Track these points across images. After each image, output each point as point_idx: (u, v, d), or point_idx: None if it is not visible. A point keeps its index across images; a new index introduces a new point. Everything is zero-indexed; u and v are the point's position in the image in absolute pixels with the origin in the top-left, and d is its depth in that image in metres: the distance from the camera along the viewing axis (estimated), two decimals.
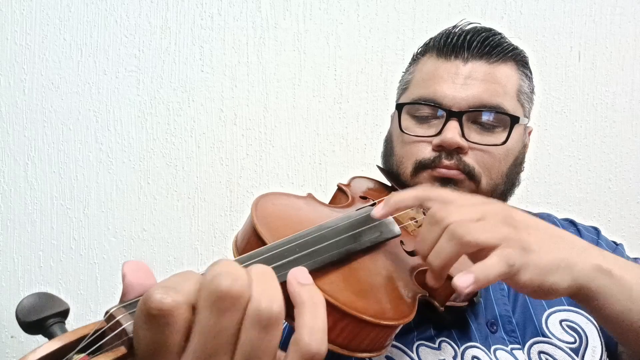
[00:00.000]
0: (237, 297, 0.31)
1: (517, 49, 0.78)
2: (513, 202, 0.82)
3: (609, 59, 1.37)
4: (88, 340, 0.31)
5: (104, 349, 0.31)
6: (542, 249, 0.48)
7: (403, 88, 0.83)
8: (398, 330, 0.48)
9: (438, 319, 0.64)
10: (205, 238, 1.35)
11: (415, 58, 0.83)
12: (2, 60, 1.34)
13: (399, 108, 0.78)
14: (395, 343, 0.63)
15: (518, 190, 0.81)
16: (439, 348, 0.63)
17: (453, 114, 0.71)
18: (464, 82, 0.73)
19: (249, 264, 0.40)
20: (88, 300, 1.34)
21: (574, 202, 1.36)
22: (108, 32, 1.35)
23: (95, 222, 1.34)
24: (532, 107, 0.81)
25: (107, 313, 0.32)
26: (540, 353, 0.65)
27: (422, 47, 0.83)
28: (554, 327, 0.67)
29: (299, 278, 0.36)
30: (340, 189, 0.73)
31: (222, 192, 1.35)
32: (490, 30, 0.77)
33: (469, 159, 0.72)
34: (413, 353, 0.63)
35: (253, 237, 0.48)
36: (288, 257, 0.43)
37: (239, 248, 0.50)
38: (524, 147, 0.81)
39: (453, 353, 0.63)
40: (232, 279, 0.31)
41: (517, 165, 0.78)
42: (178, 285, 0.31)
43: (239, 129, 1.36)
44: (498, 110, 0.72)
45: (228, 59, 1.37)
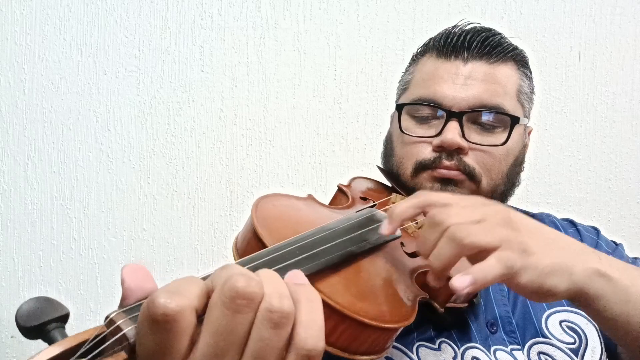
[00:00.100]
0: (252, 296, 0.31)
1: (517, 49, 0.77)
2: (513, 202, 0.82)
3: (609, 59, 1.37)
4: (88, 346, 0.31)
5: (105, 355, 0.31)
6: (541, 252, 0.48)
7: (403, 88, 0.83)
8: (398, 333, 0.49)
9: (438, 320, 0.64)
10: (205, 238, 1.35)
11: (415, 58, 0.83)
12: (2, 60, 1.34)
13: (399, 108, 0.78)
14: (396, 344, 0.63)
15: (518, 190, 0.81)
16: (439, 349, 0.63)
17: (453, 115, 0.71)
18: (464, 82, 0.72)
19: (251, 267, 0.40)
20: (88, 300, 1.34)
21: (574, 202, 1.36)
22: (108, 32, 1.35)
23: (95, 222, 1.34)
24: (532, 107, 0.81)
25: (107, 318, 0.32)
26: (540, 354, 0.65)
27: (421, 47, 0.82)
28: (554, 327, 0.67)
29: (295, 280, 0.36)
30: (341, 190, 0.73)
31: (222, 192, 1.35)
32: (490, 30, 0.77)
33: (469, 160, 0.72)
34: (413, 354, 0.63)
35: (253, 239, 0.48)
36: (288, 260, 0.43)
37: (239, 250, 0.50)
38: (524, 147, 0.81)
39: (453, 354, 0.63)
40: (247, 279, 0.31)
41: (517, 165, 0.78)
42: (182, 290, 0.31)
43: (239, 129, 1.36)
44: (498, 111, 0.72)
45: (228, 59, 1.36)
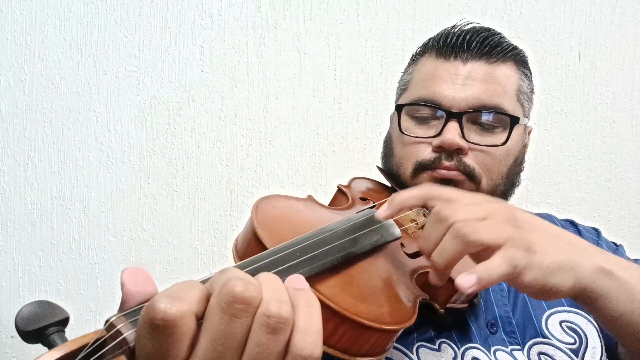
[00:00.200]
0: (250, 301, 0.31)
1: (516, 49, 0.77)
2: (513, 202, 0.82)
3: (609, 59, 1.37)
4: (88, 350, 0.31)
5: (105, 358, 0.31)
6: (545, 250, 0.48)
7: (402, 89, 0.83)
8: (399, 334, 0.48)
9: (438, 320, 0.64)
10: (205, 238, 1.35)
11: (414, 58, 0.83)
12: (2, 60, 1.34)
13: (399, 109, 0.78)
14: (396, 344, 0.63)
15: (518, 190, 0.81)
16: (439, 349, 0.63)
17: (453, 115, 0.71)
18: (464, 82, 0.72)
19: (251, 270, 0.40)
20: (88, 300, 1.33)
21: (574, 202, 1.36)
22: (108, 32, 1.35)
23: (95, 222, 1.34)
24: (531, 106, 0.81)
25: (107, 322, 0.32)
26: (540, 354, 0.65)
27: (421, 47, 0.82)
28: (554, 328, 0.67)
29: (295, 284, 0.36)
30: (340, 191, 0.73)
31: (222, 192, 1.35)
32: (490, 30, 0.77)
33: (469, 160, 0.72)
34: (413, 354, 0.63)
35: (253, 240, 0.48)
36: (289, 262, 0.43)
37: (239, 252, 0.50)
38: (524, 147, 0.80)
39: (453, 354, 0.63)
40: (245, 283, 0.31)
41: (517, 165, 0.78)
42: (182, 294, 0.31)
43: (239, 129, 1.36)
44: (498, 111, 0.72)
45: (228, 59, 1.36)
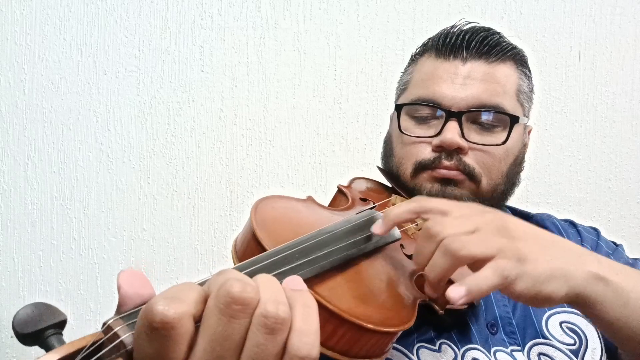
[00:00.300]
0: (247, 302, 0.31)
1: (515, 48, 0.77)
2: (513, 202, 0.82)
3: (609, 59, 1.37)
4: (86, 352, 0.31)
5: None
6: (537, 259, 0.48)
7: (402, 89, 0.83)
8: (398, 336, 0.48)
9: (438, 321, 0.64)
10: (205, 238, 1.35)
11: (414, 58, 0.83)
12: (2, 60, 1.34)
13: (398, 109, 0.78)
14: (396, 345, 0.63)
15: (518, 190, 0.81)
16: (439, 350, 0.63)
17: (452, 114, 0.71)
18: (463, 82, 0.72)
19: (250, 271, 0.40)
20: (88, 300, 1.33)
21: (574, 202, 1.36)
22: (108, 32, 1.35)
23: (95, 222, 1.34)
24: (531, 106, 0.81)
25: (104, 324, 0.32)
26: (540, 355, 0.65)
27: (420, 47, 0.82)
28: (554, 328, 0.67)
29: (292, 286, 0.36)
30: (340, 191, 0.73)
31: (222, 192, 1.35)
32: (489, 30, 0.77)
33: (469, 159, 0.72)
34: (413, 355, 0.63)
35: (253, 242, 0.48)
36: (288, 263, 0.43)
37: (239, 253, 0.50)
38: (524, 146, 0.80)
39: (453, 355, 0.63)
40: (242, 284, 0.31)
41: (517, 165, 0.78)
42: (180, 296, 0.31)
43: (239, 129, 1.36)
44: (497, 110, 0.72)
45: (228, 59, 1.36)
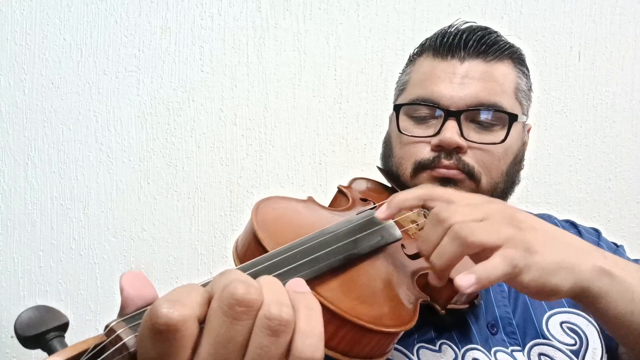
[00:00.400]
0: (251, 303, 0.31)
1: (513, 47, 0.77)
2: (513, 201, 0.82)
3: (609, 59, 1.36)
4: (88, 355, 0.31)
5: None
6: (545, 250, 0.48)
7: (400, 89, 0.83)
8: (400, 336, 0.48)
9: (439, 321, 0.64)
10: (205, 238, 1.35)
11: (412, 59, 0.83)
12: (2, 60, 1.34)
13: (397, 109, 0.78)
14: (396, 346, 0.63)
15: (518, 190, 0.81)
16: (440, 350, 0.63)
17: (451, 114, 0.71)
18: (461, 81, 0.72)
19: (251, 273, 0.40)
20: (88, 300, 1.33)
21: (574, 202, 1.36)
22: (108, 32, 1.35)
23: (95, 222, 1.34)
24: (530, 104, 0.81)
25: (107, 327, 0.32)
26: (541, 355, 0.65)
27: (418, 47, 0.82)
28: (555, 328, 0.67)
29: (295, 288, 0.36)
30: (341, 191, 0.73)
31: (222, 192, 1.35)
32: (486, 29, 0.77)
33: (469, 158, 0.72)
34: (414, 355, 0.63)
35: (253, 243, 0.48)
36: (289, 265, 0.43)
37: (240, 254, 0.50)
38: (523, 144, 0.80)
39: (454, 355, 0.63)
40: (246, 286, 0.31)
41: (516, 163, 0.78)
42: (183, 298, 0.31)
43: (239, 129, 1.36)
44: (496, 109, 0.72)
45: (228, 59, 1.36)
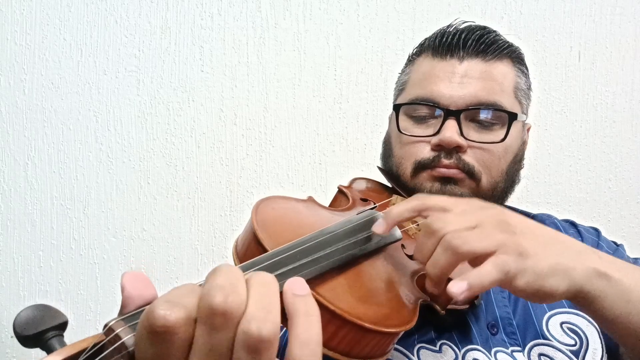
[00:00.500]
0: (228, 314, 0.30)
1: (512, 46, 0.77)
2: (513, 201, 0.82)
3: (609, 59, 1.36)
4: (87, 354, 0.31)
5: None
6: (538, 254, 0.48)
7: (400, 89, 0.83)
8: (400, 336, 0.48)
9: (439, 322, 0.64)
10: (205, 238, 1.35)
11: (411, 59, 0.83)
12: (2, 60, 1.34)
13: (397, 109, 0.78)
14: (396, 346, 0.63)
15: (518, 190, 0.81)
16: (440, 351, 0.63)
17: (451, 113, 0.71)
18: (461, 80, 0.72)
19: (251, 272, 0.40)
20: (88, 300, 1.34)
21: (574, 202, 1.36)
22: (108, 32, 1.35)
23: (95, 222, 1.34)
24: (529, 103, 0.81)
25: (106, 326, 0.32)
26: (541, 355, 0.65)
27: (417, 47, 0.82)
28: (555, 329, 0.67)
29: (294, 289, 0.34)
30: (341, 191, 0.73)
31: (222, 192, 1.35)
32: (485, 28, 0.77)
33: (469, 158, 0.72)
34: (414, 356, 0.63)
35: (253, 242, 0.48)
36: (289, 264, 0.43)
37: (239, 254, 0.50)
38: (523, 144, 0.80)
39: (454, 355, 0.63)
40: (224, 295, 0.30)
41: (516, 163, 0.78)
42: (181, 300, 0.31)
43: (239, 129, 1.36)
44: (496, 108, 0.72)
45: (228, 59, 1.36)
